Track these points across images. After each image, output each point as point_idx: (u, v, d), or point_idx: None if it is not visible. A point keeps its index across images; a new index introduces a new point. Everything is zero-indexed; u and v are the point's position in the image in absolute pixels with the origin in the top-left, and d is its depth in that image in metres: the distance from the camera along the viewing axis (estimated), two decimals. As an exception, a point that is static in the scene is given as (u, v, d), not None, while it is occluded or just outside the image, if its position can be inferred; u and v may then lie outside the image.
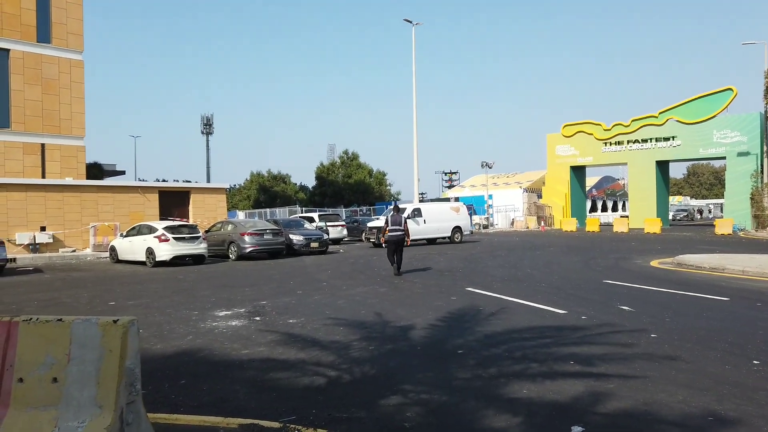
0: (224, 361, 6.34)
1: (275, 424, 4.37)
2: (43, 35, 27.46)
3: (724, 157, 39.75)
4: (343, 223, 31.82)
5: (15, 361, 3.43)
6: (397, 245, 14.40)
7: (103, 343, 3.35)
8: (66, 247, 23.76)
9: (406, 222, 14.70)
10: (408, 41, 53.99)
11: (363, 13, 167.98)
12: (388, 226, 14.56)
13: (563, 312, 8.81)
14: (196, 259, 19.37)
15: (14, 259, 20.24)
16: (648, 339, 6.95)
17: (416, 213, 26.94)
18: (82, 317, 3.45)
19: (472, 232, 31.35)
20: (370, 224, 27.55)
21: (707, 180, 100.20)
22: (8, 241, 20.87)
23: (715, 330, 7.39)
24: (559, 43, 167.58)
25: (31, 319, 3.49)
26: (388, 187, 68.57)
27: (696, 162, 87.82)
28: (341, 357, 6.39)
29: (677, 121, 39.97)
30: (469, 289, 11.64)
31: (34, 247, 22.77)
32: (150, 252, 18.63)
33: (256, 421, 4.41)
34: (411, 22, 37.54)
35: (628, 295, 10.41)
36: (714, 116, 38.24)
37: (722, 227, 32.78)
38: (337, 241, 29.38)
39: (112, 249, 21.05)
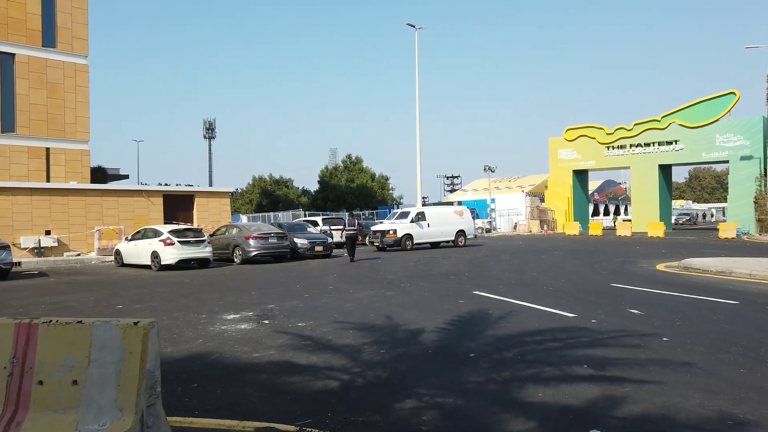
0: (236, 365, 6.32)
1: (291, 428, 4.35)
2: (49, 40, 27.55)
3: (727, 161, 39.70)
4: (347, 226, 31.76)
5: (35, 364, 3.42)
6: (352, 240, 20.76)
7: (123, 344, 3.34)
8: (71, 250, 23.77)
9: (359, 224, 22.35)
10: (411, 45, 53.87)
11: (366, 17, 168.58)
12: (345, 227, 21.43)
13: (573, 315, 8.78)
14: (202, 263, 19.37)
15: (19, 263, 20.25)
16: (660, 342, 6.93)
17: (420, 216, 26.92)
18: (102, 319, 3.45)
19: (475, 236, 31.30)
20: (373, 228, 27.52)
21: (709, 184, 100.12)
22: (13, 244, 20.90)
23: (727, 333, 7.37)
24: (561, 47, 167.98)
25: (51, 321, 3.48)
26: (391, 191, 68.62)
27: (698, 166, 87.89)
28: (353, 360, 6.37)
29: (680, 124, 39.99)
30: (476, 292, 11.62)
31: (39, 251, 22.78)
32: (155, 255, 18.63)
33: (272, 425, 4.40)
34: (414, 26, 37.61)
35: (636, 299, 10.38)
36: (717, 120, 38.27)
37: (726, 231, 32.71)
38: (341, 245, 29.33)
39: (117, 253, 21.05)
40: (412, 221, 26.47)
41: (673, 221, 48.19)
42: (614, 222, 56.99)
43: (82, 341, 3.39)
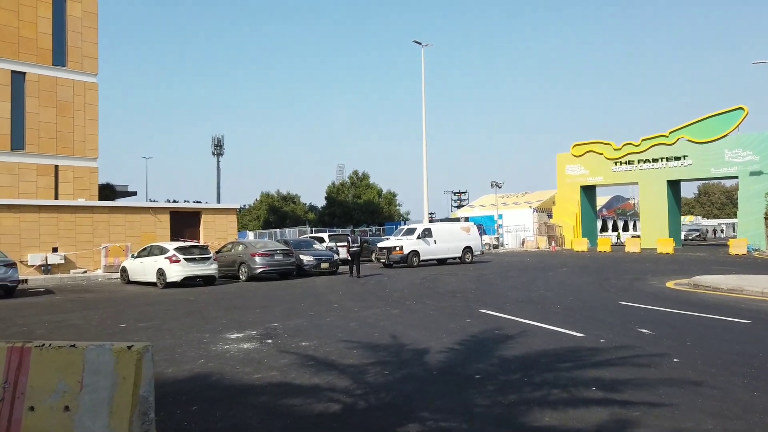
0: (236, 386, 6.22)
1: (290, 454, 4.23)
2: (59, 58, 27.91)
3: (736, 177, 39.43)
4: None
5: (26, 389, 3.35)
6: (355, 256, 21.10)
7: (117, 369, 3.26)
8: (77, 268, 23.81)
9: (361, 240, 22.49)
10: (418, 62, 54.30)
11: (373, 34, 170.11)
12: (350, 244, 21.53)
13: (581, 335, 8.62)
14: (207, 280, 19.32)
15: (26, 281, 20.29)
16: (670, 363, 6.76)
17: (427, 233, 26.81)
18: (96, 343, 3.38)
19: (482, 252, 31.11)
20: (380, 244, 27.43)
21: (718, 200, 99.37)
22: (20, 262, 20.96)
23: (739, 354, 7.19)
24: (569, 62, 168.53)
25: (43, 344, 3.41)
26: (398, 207, 68.58)
27: (707, 181, 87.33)
28: (356, 382, 6.25)
29: (688, 140, 39.80)
30: (483, 310, 11.47)
31: (45, 268, 22.84)
32: (161, 273, 18.61)
33: (270, 450, 4.28)
34: (420, 43, 37.88)
35: (646, 318, 10.20)
36: (725, 135, 38.04)
37: (736, 247, 32.36)
38: (347, 261, 29.20)
39: (123, 270, 21.06)
40: (418, 237, 26.36)
41: (682, 237, 47.77)
42: (618, 238, 56.60)
43: (75, 366, 3.31)
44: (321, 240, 29.41)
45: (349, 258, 21.42)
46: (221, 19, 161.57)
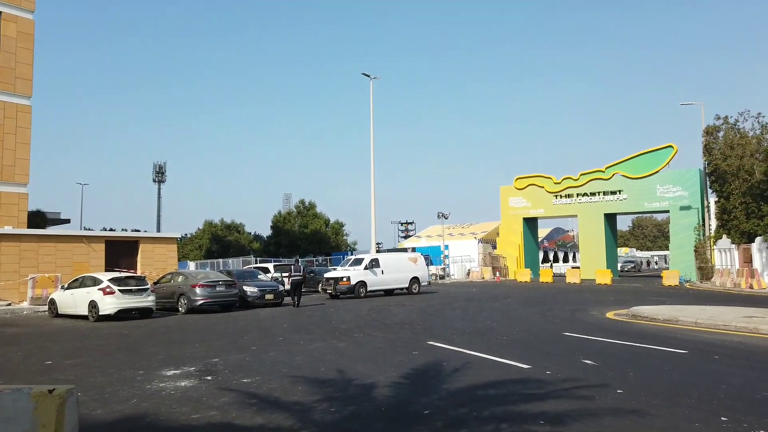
0: (172, 427, 5.83)
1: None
2: (-11, 79, 26.55)
3: (667, 211, 41.52)
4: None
5: (-73, 441, 2.97)
6: (297, 285, 21.53)
7: (35, 416, 2.94)
8: (0, 300, 22.24)
9: (303, 270, 23.05)
10: (366, 94, 54.89)
11: (322, 66, 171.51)
12: (291, 273, 22.53)
13: (527, 366, 8.65)
14: (143, 313, 18.39)
15: (-59, 314, 18.74)
16: (615, 395, 6.84)
17: (374, 263, 26.69)
18: (12, 387, 3.05)
19: (429, 283, 31.23)
20: (327, 275, 27.08)
21: (651, 232, 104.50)
22: (-64, 293, 19.38)
23: (679, 384, 7.36)
24: (512, 98, 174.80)
25: (-50, 390, 3.05)
26: (345, 237, 68.27)
27: (640, 215, 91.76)
28: (301, 421, 5.98)
29: (623, 175, 41.80)
30: (431, 342, 11.38)
31: (-36, 300, 21.21)
32: (93, 305, 17.59)
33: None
34: (369, 76, 38.38)
35: (589, 349, 10.37)
36: (657, 171, 40.21)
37: (669, 279, 33.82)
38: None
39: (52, 302, 19.78)
40: (365, 268, 26.20)
41: (619, 268, 49.63)
42: (543, 266, 57.63)
43: (-15, 413, 2.97)
44: (266, 270, 28.74)
45: (290, 287, 22.11)
46: (165, 41, 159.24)
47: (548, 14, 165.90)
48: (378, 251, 39.55)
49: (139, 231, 42.11)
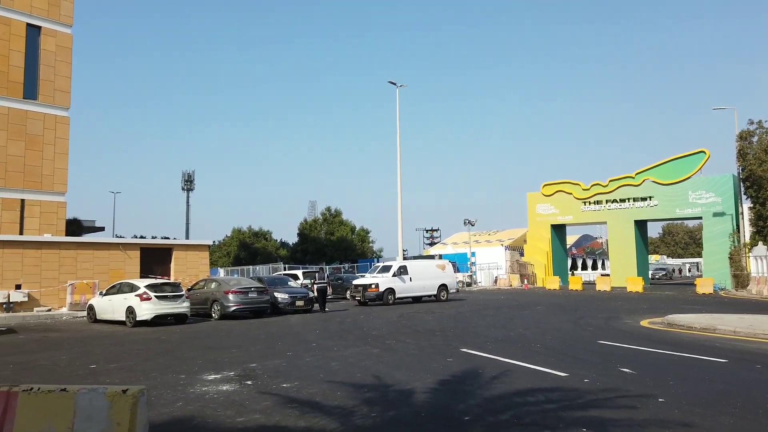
0: (219, 430, 5.99)
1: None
2: (30, 92, 27.52)
3: (700, 218, 40.65)
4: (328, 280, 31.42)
5: (11, 436, 3.16)
6: (322, 292, 23.21)
7: (110, 415, 3.11)
8: (41, 306, 22.93)
9: (327, 277, 25.19)
10: (393, 101, 55.00)
11: (349, 73, 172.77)
12: (315, 280, 24.08)
13: (564, 374, 8.62)
14: (178, 319, 18.78)
15: (-14, 319, 19.42)
16: (656, 403, 6.79)
17: (402, 270, 26.74)
18: (88, 387, 3.23)
19: (457, 290, 31.12)
20: (355, 282, 27.21)
21: (682, 239, 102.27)
22: (-19, 299, 20.08)
23: (722, 393, 7.27)
24: (541, 104, 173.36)
25: (32, 388, 3.24)
26: (371, 244, 68.45)
27: (671, 222, 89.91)
28: (344, 424, 6.09)
29: (653, 181, 41.06)
30: (464, 350, 11.40)
31: (7, 307, 21.92)
32: (130, 311, 18.04)
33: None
34: (395, 84, 38.59)
35: (625, 357, 10.28)
36: (689, 177, 39.38)
37: (703, 286, 33.10)
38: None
39: (90, 308, 20.35)
40: (394, 275, 26.27)
41: (650, 276, 48.72)
42: (571, 273, 56.92)
43: (65, 411, 3.15)
44: (295, 277, 29.05)
45: (315, 294, 23.14)
46: (194, 53, 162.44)
47: (579, 25, 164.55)
48: (404, 258, 39.59)
49: (168, 238, 42.92)
